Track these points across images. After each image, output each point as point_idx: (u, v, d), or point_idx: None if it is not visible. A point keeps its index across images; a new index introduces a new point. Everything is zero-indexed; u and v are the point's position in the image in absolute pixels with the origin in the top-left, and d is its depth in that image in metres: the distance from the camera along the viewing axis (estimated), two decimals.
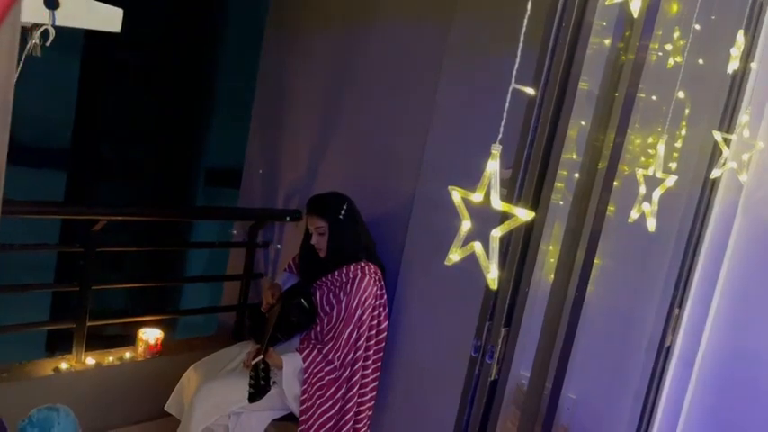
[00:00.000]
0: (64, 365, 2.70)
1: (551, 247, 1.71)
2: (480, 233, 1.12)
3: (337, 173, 3.01)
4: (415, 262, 2.59)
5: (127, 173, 9.66)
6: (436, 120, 2.55)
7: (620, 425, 2.10)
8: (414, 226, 2.60)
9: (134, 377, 2.85)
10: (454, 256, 1.10)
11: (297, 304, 2.51)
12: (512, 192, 1.43)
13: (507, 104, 1.03)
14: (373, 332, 2.50)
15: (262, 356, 2.27)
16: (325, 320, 2.46)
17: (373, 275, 2.47)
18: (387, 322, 2.54)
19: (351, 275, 2.46)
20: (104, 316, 2.99)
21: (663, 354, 2.01)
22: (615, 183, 1.57)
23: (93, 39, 8.87)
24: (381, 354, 2.55)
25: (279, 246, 3.26)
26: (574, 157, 1.65)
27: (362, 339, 2.45)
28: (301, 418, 2.41)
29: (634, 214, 1.61)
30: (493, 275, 1.04)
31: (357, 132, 2.98)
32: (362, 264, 2.48)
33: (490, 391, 1.48)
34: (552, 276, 1.63)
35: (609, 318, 1.99)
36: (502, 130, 1.03)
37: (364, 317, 2.44)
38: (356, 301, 2.42)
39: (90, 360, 2.76)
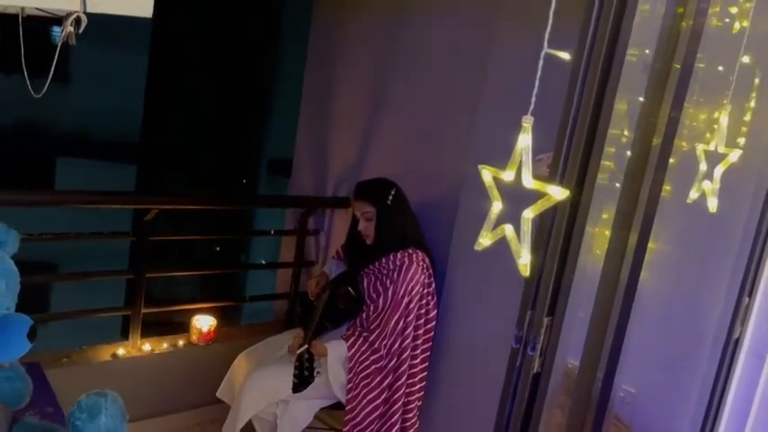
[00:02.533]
0: (121, 351, 2.77)
1: (606, 232, 1.60)
2: (517, 216, 1.04)
3: (385, 160, 2.96)
4: (464, 249, 2.51)
5: (194, 164, 9.94)
6: (485, 101, 2.44)
7: (684, 420, 1.96)
8: (462, 212, 2.51)
9: (188, 364, 2.90)
10: (484, 240, 1.02)
11: (344, 293, 2.48)
12: (555, 171, 1.34)
13: (539, 72, 0.94)
14: (421, 321, 2.43)
15: (306, 346, 2.25)
16: (372, 308, 2.41)
17: (421, 263, 2.41)
18: (435, 311, 2.47)
19: (398, 263, 2.40)
20: (162, 303, 3.06)
21: (731, 346, 1.86)
22: (671, 160, 1.44)
23: (159, 35, 9.15)
24: (430, 343, 2.49)
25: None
26: (626, 133, 1.53)
27: (410, 328, 2.39)
28: (348, 407, 2.38)
29: (693, 194, 1.48)
30: (525, 261, 0.95)
31: (405, 118, 2.90)
32: (410, 251, 2.42)
33: (533, 384, 1.39)
34: (602, 262, 1.52)
35: (668, 307, 1.85)
36: (534, 100, 0.95)
37: (411, 305, 2.38)
38: (403, 289, 2.36)
39: (146, 346, 2.83)
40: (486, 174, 1.02)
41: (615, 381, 1.59)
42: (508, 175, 0.97)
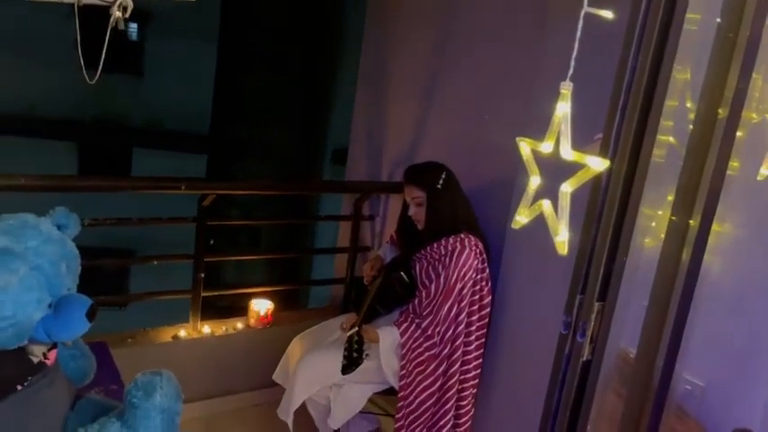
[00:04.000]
0: (182, 333, 2.85)
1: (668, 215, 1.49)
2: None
3: (439, 143, 2.90)
4: (519, 234, 2.41)
5: (261, 153, 10.15)
6: (542, 75, 2.34)
7: (756, 415, 1.82)
8: (518, 194, 2.41)
9: (246, 346, 2.95)
10: (522, 218, 0.96)
11: (397, 277, 2.45)
12: (606, 144, 1.25)
13: (579, 32, 0.87)
14: (475, 307, 2.37)
15: (356, 328, 2.23)
16: (424, 294, 2.37)
17: (474, 248, 2.34)
18: (490, 297, 2.41)
19: (450, 248, 2.34)
20: (220, 287, 3.13)
21: None
22: (739, 133, 1.32)
23: (227, 30, 9.38)
24: (485, 330, 2.42)
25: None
26: (689, 105, 1.42)
27: (463, 315, 2.33)
28: (401, 395, 2.35)
29: (764, 170, 1.36)
30: (562, 238, 0.89)
31: (459, 99, 2.84)
32: (462, 236, 2.35)
33: (582, 372, 1.32)
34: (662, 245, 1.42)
35: (738, 294, 1.72)
36: (573, 64, 0.88)
37: (464, 291, 2.32)
38: (455, 274, 2.30)
39: (206, 329, 2.89)
40: (525, 146, 0.96)
41: (676, 370, 1.49)
42: (546, 147, 0.91)
